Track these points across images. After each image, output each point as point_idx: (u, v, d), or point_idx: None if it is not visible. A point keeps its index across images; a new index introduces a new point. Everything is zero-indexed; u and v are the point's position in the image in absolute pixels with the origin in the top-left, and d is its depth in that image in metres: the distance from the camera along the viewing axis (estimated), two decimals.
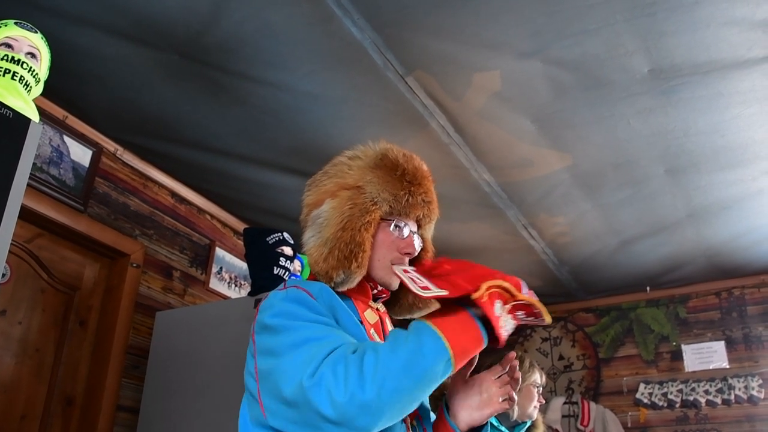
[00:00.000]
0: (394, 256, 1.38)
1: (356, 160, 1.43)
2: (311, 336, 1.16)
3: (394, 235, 1.39)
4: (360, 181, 1.38)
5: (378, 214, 1.37)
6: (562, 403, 4.75)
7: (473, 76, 2.70)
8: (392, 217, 1.40)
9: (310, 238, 1.37)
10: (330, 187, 1.40)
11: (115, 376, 3.00)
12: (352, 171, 1.41)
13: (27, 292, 2.81)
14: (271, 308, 1.25)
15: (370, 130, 3.00)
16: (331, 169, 1.45)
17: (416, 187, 1.41)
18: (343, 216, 1.33)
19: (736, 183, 3.43)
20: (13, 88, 1.90)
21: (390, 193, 1.38)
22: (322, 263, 1.32)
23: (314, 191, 1.44)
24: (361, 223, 1.33)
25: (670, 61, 2.59)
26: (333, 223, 1.33)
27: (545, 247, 4.19)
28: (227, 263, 3.84)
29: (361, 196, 1.36)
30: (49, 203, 2.83)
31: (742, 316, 4.56)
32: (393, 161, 1.41)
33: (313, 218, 1.39)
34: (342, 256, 1.30)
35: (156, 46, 2.55)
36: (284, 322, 1.20)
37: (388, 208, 1.38)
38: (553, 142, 3.12)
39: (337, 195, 1.37)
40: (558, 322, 5.19)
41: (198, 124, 3.03)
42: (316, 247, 1.34)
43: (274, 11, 2.35)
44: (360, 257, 1.32)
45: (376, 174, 1.39)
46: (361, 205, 1.35)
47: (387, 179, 1.39)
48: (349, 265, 1.30)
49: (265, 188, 3.57)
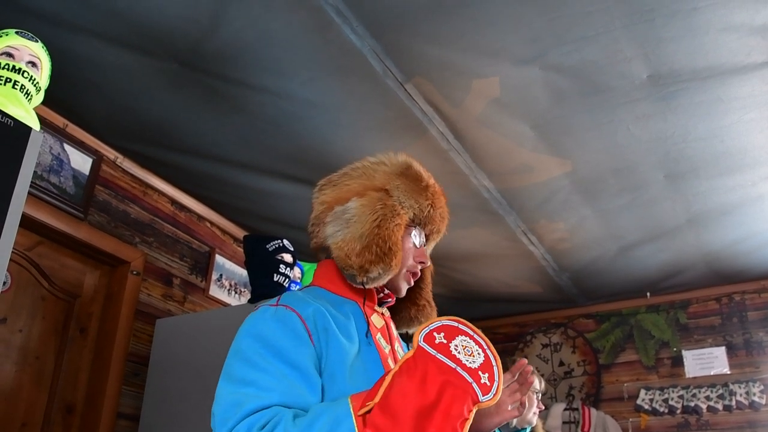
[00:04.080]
0: (410, 263, 1.41)
1: (381, 166, 1.45)
2: (259, 380, 1.15)
3: (413, 242, 1.42)
4: (387, 184, 1.40)
5: (406, 219, 1.39)
6: (562, 410, 4.73)
7: (472, 83, 2.71)
8: (414, 225, 1.42)
9: (336, 232, 1.35)
10: (355, 186, 1.41)
11: (116, 384, 3.00)
12: (378, 174, 1.43)
13: (27, 300, 2.81)
14: (254, 324, 1.25)
15: (370, 137, 3.01)
16: (353, 172, 1.46)
17: (437, 201, 1.45)
18: (377, 214, 1.34)
19: (735, 188, 3.43)
20: (14, 97, 1.90)
21: (415, 201, 1.41)
22: (356, 257, 1.31)
23: (334, 190, 1.44)
24: (394, 224, 1.35)
25: (669, 67, 2.59)
26: (366, 219, 1.33)
27: (545, 253, 4.19)
28: (227, 270, 3.84)
29: (390, 199, 1.38)
30: (49, 211, 2.83)
31: (743, 322, 4.55)
32: (417, 173, 1.44)
33: (336, 214, 1.38)
34: (381, 252, 1.31)
35: (155, 54, 2.55)
36: (251, 349, 1.20)
37: (412, 215, 1.41)
38: (553, 148, 3.12)
39: (364, 194, 1.38)
40: (558, 328, 5.19)
41: (197, 131, 3.04)
42: (346, 242, 1.33)
43: (273, 19, 2.36)
44: (398, 256, 1.34)
45: (402, 181, 1.41)
46: (391, 207, 1.36)
47: (413, 188, 1.41)
48: (390, 261, 1.31)
49: (264, 195, 3.58)
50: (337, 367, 1.23)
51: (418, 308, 1.51)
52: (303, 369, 1.19)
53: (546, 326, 5.24)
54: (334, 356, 1.24)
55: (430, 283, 1.55)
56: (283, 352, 1.19)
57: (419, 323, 1.48)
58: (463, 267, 4.39)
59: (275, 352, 1.19)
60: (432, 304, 1.53)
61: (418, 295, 1.52)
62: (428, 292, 1.54)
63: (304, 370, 1.19)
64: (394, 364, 1.34)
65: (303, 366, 1.19)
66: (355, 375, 1.24)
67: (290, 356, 1.19)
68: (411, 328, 1.50)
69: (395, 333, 1.46)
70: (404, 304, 1.49)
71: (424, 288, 1.53)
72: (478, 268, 4.42)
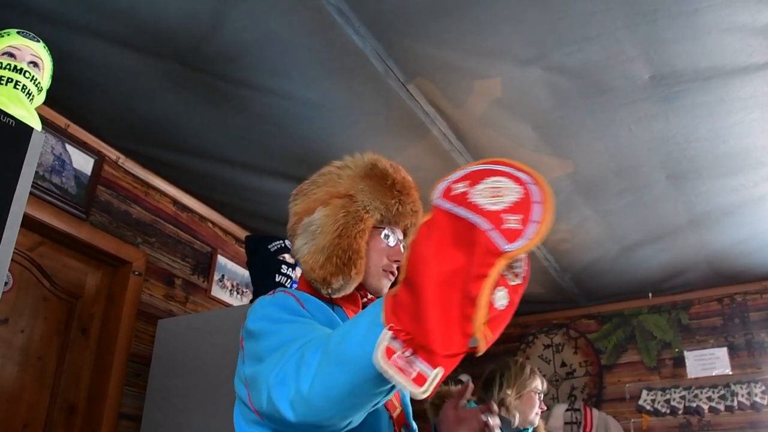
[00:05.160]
0: (384, 263, 1.41)
1: (346, 170, 1.45)
2: (288, 337, 1.15)
3: (384, 243, 1.42)
4: (351, 189, 1.40)
5: (371, 222, 1.39)
6: (564, 410, 4.73)
7: (474, 83, 2.71)
8: (382, 225, 1.42)
9: (303, 245, 1.37)
10: (321, 195, 1.42)
11: (118, 384, 3.00)
12: (343, 180, 1.43)
13: (29, 300, 2.81)
14: (255, 312, 1.27)
15: (372, 138, 3.01)
16: (319, 179, 1.47)
17: (405, 197, 1.44)
18: (338, 223, 1.35)
19: (737, 189, 3.42)
20: (15, 97, 1.90)
21: (381, 201, 1.40)
22: (319, 270, 1.33)
23: (303, 200, 1.45)
24: (356, 231, 1.35)
25: (671, 68, 2.59)
26: (328, 230, 1.35)
27: (547, 253, 4.18)
28: (229, 271, 3.84)
29: (353, 204, 1.38)
30: (51, 211, 2.83)
31: (745, 323, 4.54)
32: (383, 171, 1.43)
33: (304, 226, 1.39)
34: (341, 263, 1.32)
35: (158, 54, 2.55)
36: (265, 326, 1.21)
37: (379, 216, 1.40)
38: (555, 148, 3.12)
39: (329, 203, 1.39)
40: (560, 329, 5.18)
41: (199, 132, 3.04)
42: (311, 254, 1.35)
43: (276, 20, 2.36)
44: (359, 264, 1.34)
45: (366, 183, 1.41)
46: (355, 213, 1.37)
47: (378, 188, 1.41)
48: (349, 271, 1.32)
49: (266, 196, 3.58)
50: None
51: None
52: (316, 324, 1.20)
53: (548, 327, 5.24)
54: None
55: None
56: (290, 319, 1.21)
57: None
58: None
59: (286, 321, 1.20)
60: None
61: None
62: None
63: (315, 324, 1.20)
64: None
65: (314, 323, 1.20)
66: None
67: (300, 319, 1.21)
68: None
69: None
70: None
71: None
72: None
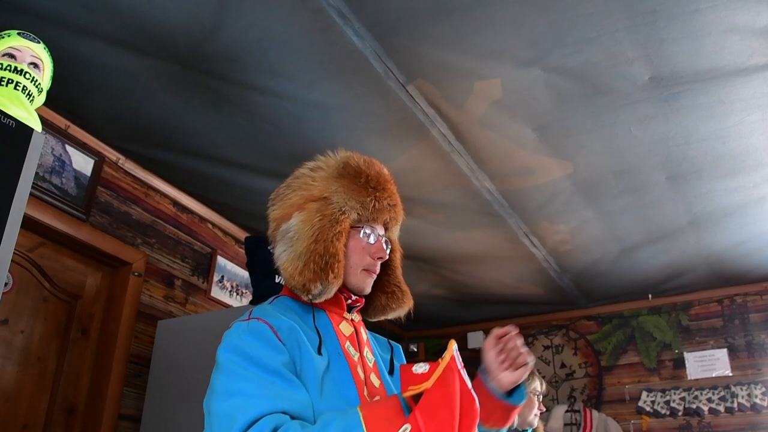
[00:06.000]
0: (366, 262, 1.40)
1: (319, 171, 1.45)
2: (244, 389, 1.17)
3: (364, 241, 1.41)
4: (326, 191, 1.40)
5: (348, 223, 1.39)
6: (564, 412, 4.73)
7: (474, 85, 2.71)
8: (361, 224, 1.42)
9: (282, 252, 1.37)
10: (296, 200, 1.42)
11: (117, 385, 3.00)
12: (317, 182, 1.43)
13: (29, 301, 2.81)
14: (228, 339, 1.27)
15: (371, 139, 3.01)
16: (294, 182, 1.47)
17: (381, 193, 1.43)
18: (314, 228, 1.35)
19: (737, 190, 3.43)
20: (15, 98, 1.90)
21: (356, 200, 1.40)
22: (298, 277, 1.33)
23: (279, 205, 1.46)
24: (333, 234, 1.35)
25: (671, 69, 2.59)
26: (305, 236, 1.34)
27: (547, 254, 4.18)
28: (229, 272, 3.84)
29: (329, 207, 1.38)
30: (51, 212, 2.83)
31: (745, 324, 4.55)
32: (356, 169, 1.43)
33: (282, 233, 1.40)
34: (318, 269, 1.32)
35: (158, 55, 2.55)
36: (230, 361, 1.22)
37: (356, 215, 1.40)
38: (554, 149, 3.12)
39: (304, 208, 1.39)
40: (560, 330, 5.18)
41: (199, 132, 3.04)
42: (290, 261, 1.35)
43: (276, 21, 2.36)
44: (336, 268, 1.33)
45: (340, 183, 1.41)
46: (330, 216, 1.36)
47: (352, 187, 1.41)
48: (326, 276, 1.32)
49: (266, 197, 3.51)
50: (310, 383, 1.25)
51: (388, 296, 1.50)
52: (282, 374, 1.21)
53: (548, 328, 5.24)
54: (307, 371, 1.26)
55: (399, 267, 1.54)
56: (262, 360, 1.21)
57: (392, 311, 1.50)
58: (464, 269, 4.39)
59: (254, 362, 1.21)
60: (402, 287, 1.52)
61: (386, 282, 1.51)
62: (397, 276, 1.53)
63: (284, 375, 1.21)
64: (363, 373, 1.35)
65: (281, 371, 1.21)
66: (326, 390, 1.26)
67: (269, 363, 1.21)
68: (387, 315, 1.51)
69: (365, 337, 1.46)
70: (374, 293, 1.49)
71: (392, 273, 1.52)
72: (479, 270, 4.42)
